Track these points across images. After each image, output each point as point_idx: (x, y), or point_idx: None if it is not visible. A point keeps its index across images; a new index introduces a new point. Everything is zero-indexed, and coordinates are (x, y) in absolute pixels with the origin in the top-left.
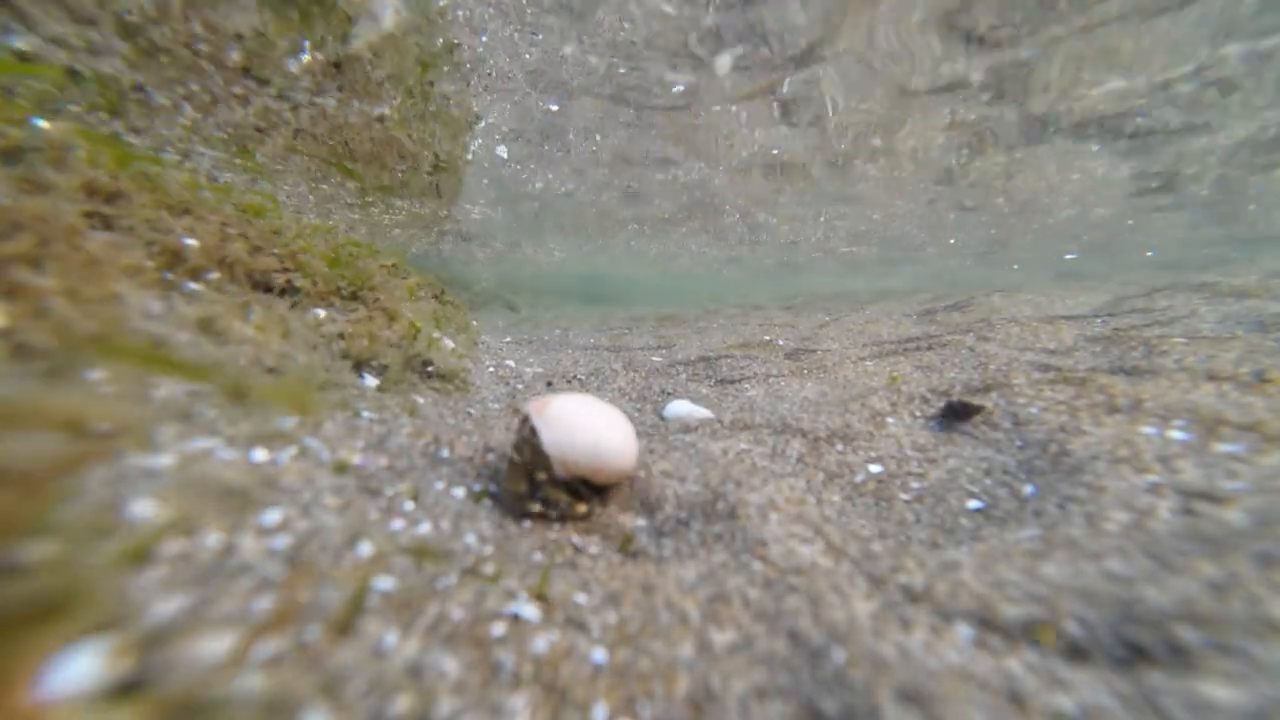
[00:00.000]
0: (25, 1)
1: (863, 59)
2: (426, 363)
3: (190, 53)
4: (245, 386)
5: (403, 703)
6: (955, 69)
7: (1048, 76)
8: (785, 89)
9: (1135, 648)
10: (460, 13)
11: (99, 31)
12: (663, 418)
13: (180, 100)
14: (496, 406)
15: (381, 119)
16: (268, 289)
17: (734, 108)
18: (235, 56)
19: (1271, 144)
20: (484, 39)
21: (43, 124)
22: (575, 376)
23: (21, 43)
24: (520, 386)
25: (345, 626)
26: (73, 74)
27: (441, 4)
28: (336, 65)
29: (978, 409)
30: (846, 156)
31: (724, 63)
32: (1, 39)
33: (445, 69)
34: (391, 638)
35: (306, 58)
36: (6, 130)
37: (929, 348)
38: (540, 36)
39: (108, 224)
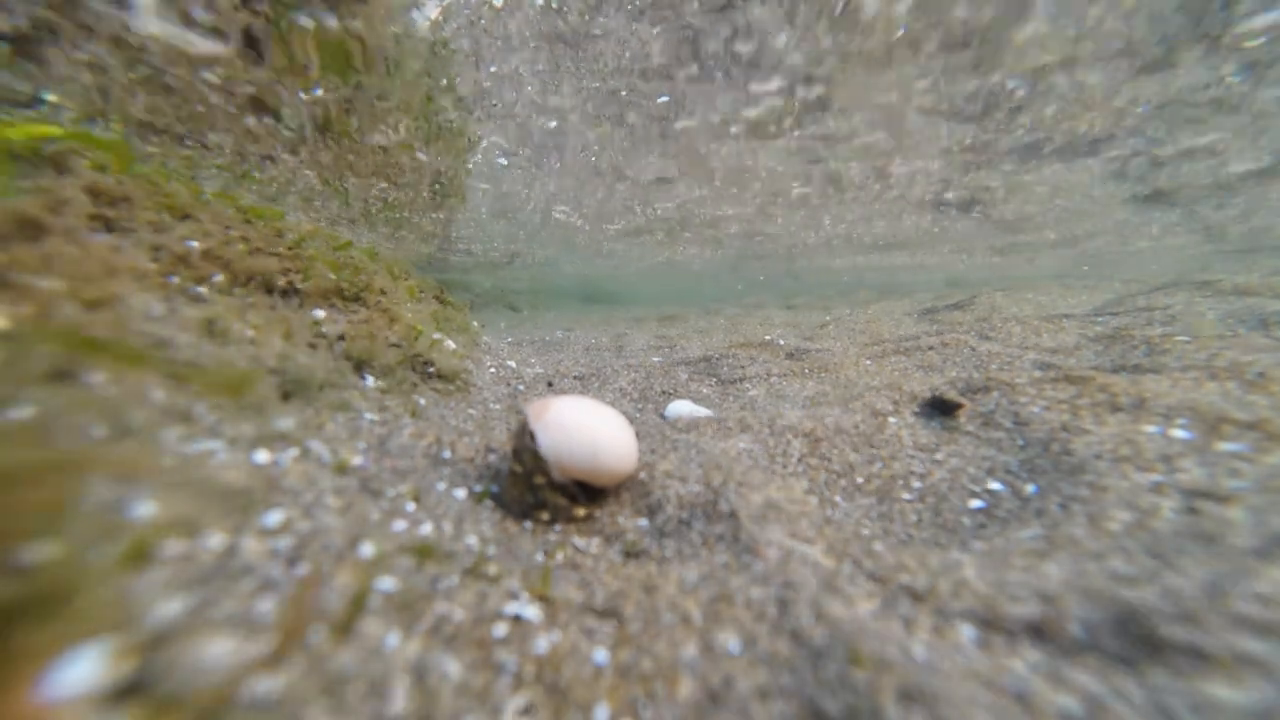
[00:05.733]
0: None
1: (862, 96)
2: (428, 363)
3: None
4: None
5: (405, 704)
6: (951, 93)
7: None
8: (785, 118)
9: (1139, 647)
10: (464, 42)
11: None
12: (664, 417)
13: (187, 134)
14: (498, 407)
15: (385, 149)
16: (269, 290)
17: (736, 136)
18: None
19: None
20: (492, 68)
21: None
22: (576, 377)
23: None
24: (521, 387)
25: (347, 628)
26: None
27: (445, 35)
28: (348, 101)
29: (958, 405)
30: (845, 176)
31: (722, 94)
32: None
33: (447, 100)
34: (393, 638)
35: (320, 93)
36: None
37: (930, 347)
38: (540, 66)
39: (110, 227)
